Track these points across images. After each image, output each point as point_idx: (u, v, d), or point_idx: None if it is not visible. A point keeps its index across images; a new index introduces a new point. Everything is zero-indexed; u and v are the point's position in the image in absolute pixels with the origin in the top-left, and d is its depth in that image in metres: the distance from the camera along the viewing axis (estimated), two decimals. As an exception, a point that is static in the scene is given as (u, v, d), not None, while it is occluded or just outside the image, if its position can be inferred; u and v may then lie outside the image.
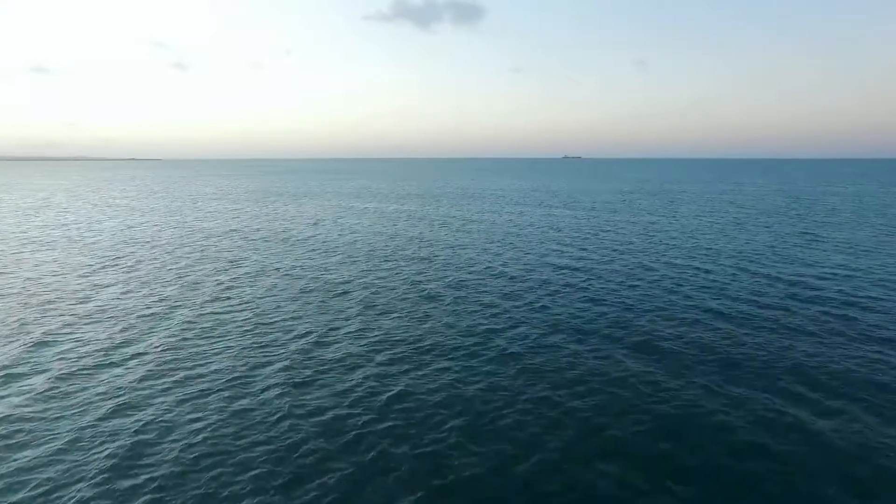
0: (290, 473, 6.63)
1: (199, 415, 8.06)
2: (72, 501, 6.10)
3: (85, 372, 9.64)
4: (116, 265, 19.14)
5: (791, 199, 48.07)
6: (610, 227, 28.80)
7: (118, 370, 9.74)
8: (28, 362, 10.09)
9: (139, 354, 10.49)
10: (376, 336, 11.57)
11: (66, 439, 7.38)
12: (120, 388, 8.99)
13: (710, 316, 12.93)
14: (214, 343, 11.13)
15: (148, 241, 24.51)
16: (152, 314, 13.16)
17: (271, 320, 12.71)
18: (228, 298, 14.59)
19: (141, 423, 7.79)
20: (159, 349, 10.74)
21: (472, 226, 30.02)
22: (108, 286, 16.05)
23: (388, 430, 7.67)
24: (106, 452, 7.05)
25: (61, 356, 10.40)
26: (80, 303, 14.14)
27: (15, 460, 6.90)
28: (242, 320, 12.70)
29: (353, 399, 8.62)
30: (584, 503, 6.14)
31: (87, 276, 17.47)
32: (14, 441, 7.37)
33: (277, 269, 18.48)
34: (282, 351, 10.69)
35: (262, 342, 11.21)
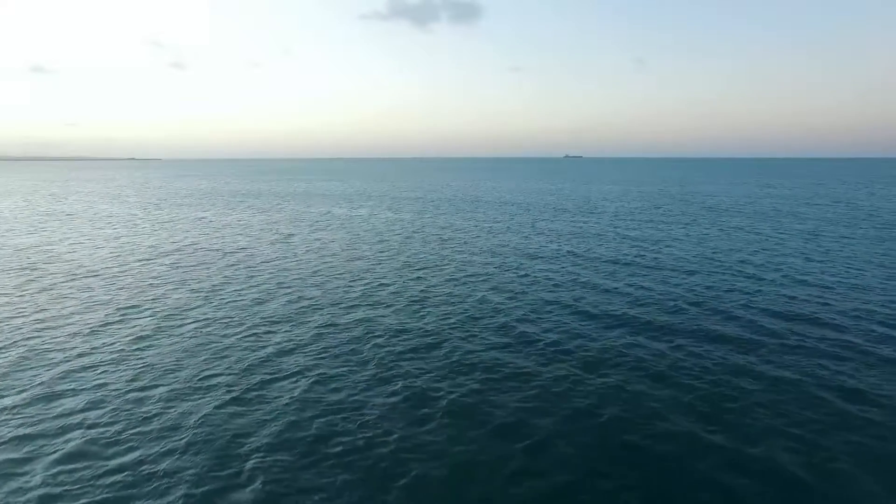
0: None
1: None
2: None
3: None
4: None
5: (847, 206, 41.56)
6: (652, 248, 22.25)
7: None
8: None
9: None
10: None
11: None
12: None
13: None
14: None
15: (60, 261, 18.12)
16: None
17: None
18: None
19: None
20: None
21: (477, 244, 23.52)
22: None
23: None
24: None
25: None
26: None
27: None
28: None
29: None
30: None
31: None
32: None
33: (197, 316, 12.06)
34: None
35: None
